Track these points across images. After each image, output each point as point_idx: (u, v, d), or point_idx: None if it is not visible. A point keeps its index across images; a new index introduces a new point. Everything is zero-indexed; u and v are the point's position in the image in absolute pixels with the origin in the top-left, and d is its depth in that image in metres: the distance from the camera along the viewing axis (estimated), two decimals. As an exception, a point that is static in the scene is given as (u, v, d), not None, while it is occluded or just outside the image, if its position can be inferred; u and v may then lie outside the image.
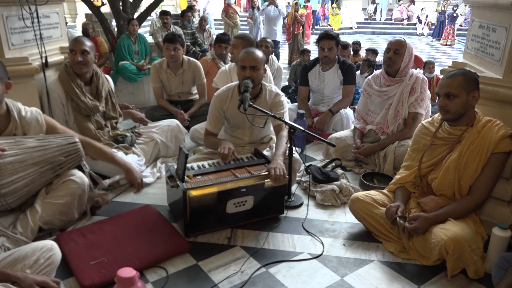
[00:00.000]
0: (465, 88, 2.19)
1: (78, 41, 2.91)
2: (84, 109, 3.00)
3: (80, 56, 2.86)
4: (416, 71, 3.30)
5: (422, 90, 3.21)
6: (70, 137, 2.39)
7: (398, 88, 3.24)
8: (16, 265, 1.72)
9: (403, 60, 3.17)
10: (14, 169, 2.14)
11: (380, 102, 3.36)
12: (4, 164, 2.10)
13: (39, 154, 2.24)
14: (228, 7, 10.08)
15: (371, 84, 3.41)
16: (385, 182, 2.95)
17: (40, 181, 2.29)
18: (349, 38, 13.29)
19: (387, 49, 3.22)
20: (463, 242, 1.99)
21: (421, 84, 3.21)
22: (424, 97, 3.22)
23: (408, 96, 3.21)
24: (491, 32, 2.53)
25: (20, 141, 2.22)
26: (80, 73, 2.95)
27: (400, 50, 3.15)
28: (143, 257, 2.15)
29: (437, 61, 6.22)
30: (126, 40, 5.60)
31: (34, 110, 2.37)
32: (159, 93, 4.18)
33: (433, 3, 19.32)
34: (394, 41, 3.22)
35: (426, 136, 2.45)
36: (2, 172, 2.09)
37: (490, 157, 2.19)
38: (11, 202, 2.19)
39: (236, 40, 3.71)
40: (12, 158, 2.14)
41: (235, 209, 2.41)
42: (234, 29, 9.84)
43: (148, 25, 9.88)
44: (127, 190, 2.96)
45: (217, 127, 2.91)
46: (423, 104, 3.22)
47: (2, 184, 2.10)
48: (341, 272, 2.14)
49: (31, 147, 2.23)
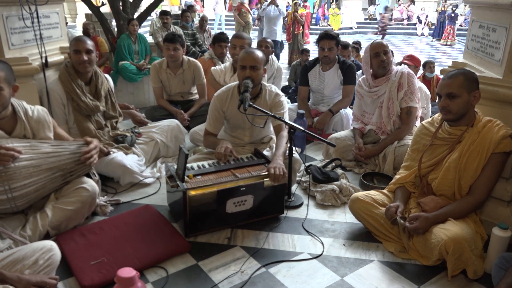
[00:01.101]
0: (467, 88, 2.19)
1: (82, 41, 2.91)
2: (85, 109, 3.00)
3: (85, 55, 2.87)
4: (401, 67, 3.34)
5: (410, 84, 3.22)
6: (83, 145, 2.39)
7: (386, 87, 3.27)
8: (15, 266, 1.72)
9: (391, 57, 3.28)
10: (28, 173, 2.16)
11: (372, 102, 3.39)
12: (19, 168, 2.12)
13: (53, 160, 2.26)
14: (241, 6, 10.02)
15: (361, 86, 3.44)
16: (385, 182, 2.95)
17: (50, 187, 2.31)
18: (349, 38, 13.29)
19: (376, 54, 3.22)
20: (463, 242, 1.99)
21: (407, 78, 3.23)
22: (413, 90, 3.23)
23: (397, 92, 3.23)
24: (491, 32, 2.53)
25: (36, 146, 2.23)
26: (84, 72, 2.96)
27: (387, 49, 3.24)
28: (143, 257, 2.15)
29: (437, 61, 6.21)
30: (126, 40, 5.60)
31: (41, 109, 2.36)
32: (159, 93, 4.18)
33: (433, 3, 19.33)
34: (378, 44, 3.27)
35: (426, 136, 2.45)
36: (16, 175, 2.11)
37: (490, 157, 2.19)
38: (20, 205, 2.20)
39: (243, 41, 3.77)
40: (27, 162, 2.15)
41: (235, 208, 2.41)
42: (245, 29, 9.75)
43: (148, 25, 9.88)
44: (127, 190, 2.97)
45: (217, 127, 2.91)
46: (413, 97, 3.22)
47: (14, 188, 2.11)
48: (341, 272, 2.14)
49: (46, 152, 2.25)
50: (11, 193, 2.10)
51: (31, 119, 2.28)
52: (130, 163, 3.00)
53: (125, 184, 3.01)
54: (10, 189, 2.10)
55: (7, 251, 1.81)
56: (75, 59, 2.89)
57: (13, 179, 2.10)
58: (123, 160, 2.97)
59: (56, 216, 2.28)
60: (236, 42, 3.96)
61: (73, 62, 2.93)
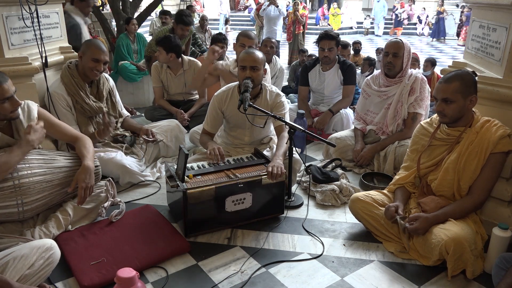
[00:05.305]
0: (462, 93, 2.18)
1: (104, 51, 2.92)
2: (89, 111, 2.99)
3: (102, 67, 2.92)
4: (416, 71, 3.30)
5: (422, 90, 3.21)
6: (94, 161, 2.40)
7: (397, 89, 3.24)
8: (15, 265, 1.71)
9: (403, 61, 3.17)
10: (41, 188, 2.18)
11: (379, 102, 3.36)
12: (33, 183, 2.14)
13: (65, 175, 2.29)
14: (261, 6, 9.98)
15: (370, 85, 3.41)
16: (385, 182, 2.95)
17: (58, 200, 2.35)
18: (349, 38, 13.29)
19: (385, 53, 3.21)
20: (464, 242, 1.99)
21: (420, 84, 3.21)
22: (423, 97, 3.22)
23: (408, 96, 3.21)
24: (491, 32, 2.52)
25: (50, 160, 2.26)
26: (93, 78, 2.98)
27: (398, 52, 3.15)
28: (143, 257, 2.15)
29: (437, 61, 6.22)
30: (125, 40, 5.59)
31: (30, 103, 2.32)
32: (160, 93, 4.18)
33: (433, 3, 19.31)
34: (391, 43, 3.21)
35: (424, 136, 2.45)
36: (30, 191, 2.13)
37: (489, 157, 2.19)
38: (27, 216, 2.22)
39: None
40: (41, 177, 2.17)
41: (234, 207, 2.41)
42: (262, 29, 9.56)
43: (148, 25, 9.89)
44: (127, 190, 2.97)
45: (214, 127, 2.92)
46: (422, 104, 3.22)
47: (26, 202, 2.13)
48: (341, 272, 2.14)
49: (59, 167, 2.28)
50: (23, 207, 2.13)
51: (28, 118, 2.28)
52: (129, 163, 3.00)
53: (125, 184, 3.01)
54: (23, 203, 2.12)
55: (7, 250, 1.81)
56: (91, 65, 2.88)
57: (27, 194, 2.12)
58: (122, 160, 2.96)
59: (76, 216, 2.38)
60: (245, 41, 3.82)
61: (85, 67, 2.90)
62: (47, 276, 1.85)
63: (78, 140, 2.43)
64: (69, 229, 2.35)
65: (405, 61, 3.18)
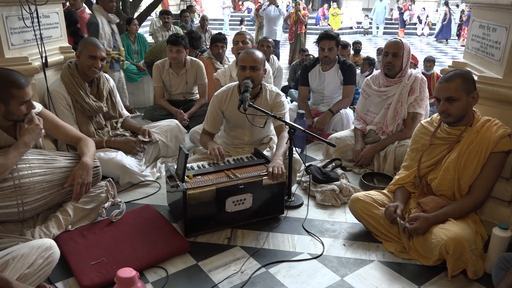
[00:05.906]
0: (465, 90, 2.19)
1: (100, 48, 2.93)
2: (89, 111, 3.00)
3: (100, 63, 2.91)
4: (415, 70, 3.31)
5: (421, 90, 3.22)
6: (95, 161, 2.41)
7: (397, 89, 3.24)
8: (15, 264, 1.71)
9: (402, 61, 3.17)
10: (41, 188, 2.18)
11: (379, 102, 3.36)
12: (33, 183, 2.14)
13: (65, 176, 2.28)
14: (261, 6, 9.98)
15: (370, 85, 3.41)
16: (385, 182, 2.95)
17: (58, 200, 2.35)
18: (349, 38, 13.29)
19: (385, 53, 3.21)
20: (464, 242, 1.99)
21: (420, 84, 3.21)
22: (423, 97, 3.23)
23: (408, 96, 3.21)
24: (491, 32, 2.52)
25: (50, 160, 2.26)
26: (92, 76, 2.98)
27: (398, 52, 3.15)
28: (143, 257, 2.15)
29: (437, 61, 6.21)
30: (126, 40, 5.59)
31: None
32: (160, 93, 4.18)
33: (433, 3, 19.31)
34: (391, 43, 3.20)
35: (425, 136, 2.45)
36: (30, 191, 2.13)
37: (489, 156, 2.19)
38: (27, 216, 2.22)
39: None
40: (41, 178, 2.18)
41: (235, 207, 2.41)
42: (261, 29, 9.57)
43: (148, 25, 9.88)
44: (127, 190, 2.97)
45: (214, 127, 2.92)
46: (422, 104, 3.22)
47: (26, 202, 2.13)
48: (341, 272, 2.14)
49: (59, 167, 2.28)
50: (23, 207, 2.13)
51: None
52: (129, 163, 3.00)
53: (125, 184, 3.01)
54: (23, 203, 2.12)
55: (7, 249, 1.81)
56: (88, 63, 2.89)
57: (27, 194, 2.12)
58: (122, 160, 2.96)
59: (76, 216, 2.38)
60: (237, 38, 3.98)
61: (83, 65, 2.92)
62: (47, 275, 1.85)
63: (81, 141, 2.44)
64: (69, 229, 2.35)
65: (404, 61, 3.18)
